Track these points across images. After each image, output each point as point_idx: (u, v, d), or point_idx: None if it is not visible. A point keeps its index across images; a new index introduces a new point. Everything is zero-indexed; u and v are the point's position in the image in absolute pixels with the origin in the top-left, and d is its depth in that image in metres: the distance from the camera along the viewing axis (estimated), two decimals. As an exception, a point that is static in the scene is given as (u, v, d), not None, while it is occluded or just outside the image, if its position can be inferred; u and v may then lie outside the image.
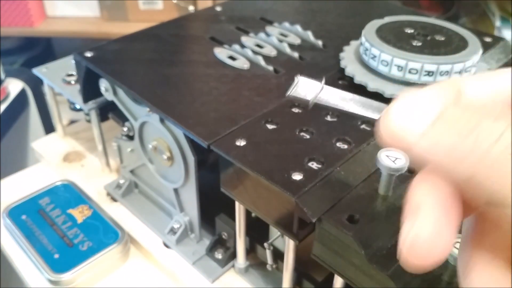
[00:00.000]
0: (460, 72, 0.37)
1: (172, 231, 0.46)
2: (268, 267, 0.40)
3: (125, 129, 0.47)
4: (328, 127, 0.35)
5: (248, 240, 0.43)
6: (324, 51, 0.47)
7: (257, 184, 0.31)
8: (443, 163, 0.15)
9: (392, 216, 0.28)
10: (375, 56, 0.38)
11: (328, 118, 0.36)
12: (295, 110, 0.37)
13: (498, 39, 0.49)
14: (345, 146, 0.33)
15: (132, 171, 0.50)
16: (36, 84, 0.85)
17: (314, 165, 0.31)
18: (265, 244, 0.39)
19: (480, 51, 0.39)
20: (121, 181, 0.52)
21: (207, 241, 0.45)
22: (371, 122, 0.36)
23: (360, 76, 0.39)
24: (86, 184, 0.54)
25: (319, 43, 0.48)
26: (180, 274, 0.44)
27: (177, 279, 0.44)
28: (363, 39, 0.40)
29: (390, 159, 0.28)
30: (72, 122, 0.67)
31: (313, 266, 0.39)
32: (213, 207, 0.43)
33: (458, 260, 0.17)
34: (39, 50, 1.37)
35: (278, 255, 0.40)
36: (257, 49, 0.46)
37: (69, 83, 0.53)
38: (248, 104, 0.38)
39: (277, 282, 0.41)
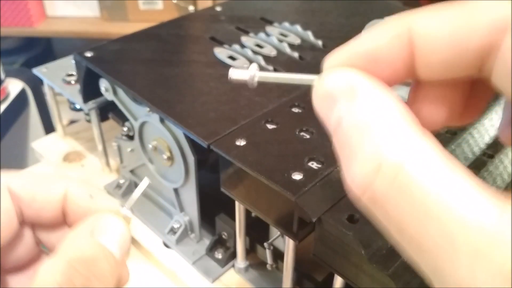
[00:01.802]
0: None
1: (172, 231, 0.46)
2: (268, 267, 0.40)
3: (125, 129, 0.47)
4: (328, 127, 0.35)
5: (248, 240, 0.43)
6: (324, 51, 0.47)
7: (257, 184, 0.31)
8: None
9: (392, 216, 0.28)
10: (375, 56, 0.38)
11: (328, 118, 0.36)
12: (295, 110, 0.37)
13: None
14: (345, 146, 0.33)
15: (132, 171, 0.50)
16: (36, 84, 0.85)
17: (314, 164, 0.31)
18: (265, 244, 0.39)
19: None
20: (121, 181, 0.52)
21: (207, 241, 0.45)
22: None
23: (360, 76, 0.39)
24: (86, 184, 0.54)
25: (319, 43, 0.48)
26: (180, 274, 0.44)
27: (177, 279, 0.44)
28: (363, 39, 0.40)
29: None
30: (72, 122, 0.67)
31: (313, 266, 0.39)
32: (213, 207, 0.43)
33: None
34: (39, 50, 1.37)
35: (278, 255, 0.40)
36: (257, 49, 0.46)
37: (69, 83, 0.53)
38: (248, 104, 0.38)
39: (277, 282, 0.41)
